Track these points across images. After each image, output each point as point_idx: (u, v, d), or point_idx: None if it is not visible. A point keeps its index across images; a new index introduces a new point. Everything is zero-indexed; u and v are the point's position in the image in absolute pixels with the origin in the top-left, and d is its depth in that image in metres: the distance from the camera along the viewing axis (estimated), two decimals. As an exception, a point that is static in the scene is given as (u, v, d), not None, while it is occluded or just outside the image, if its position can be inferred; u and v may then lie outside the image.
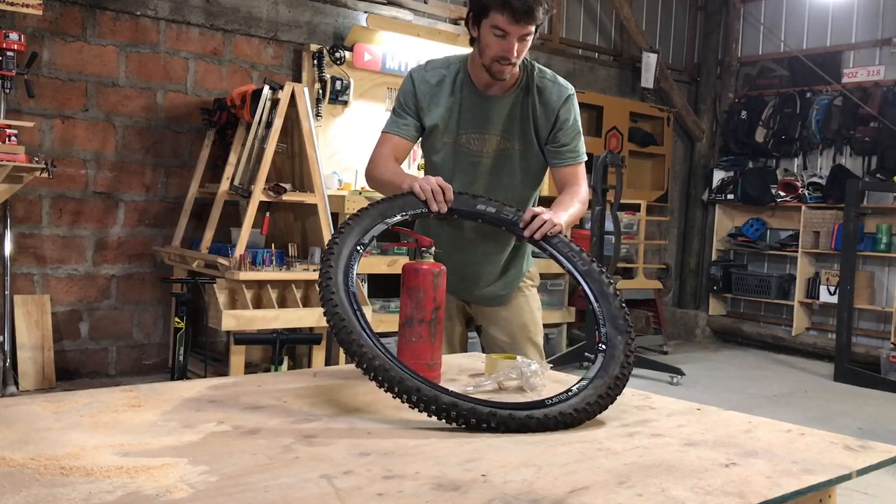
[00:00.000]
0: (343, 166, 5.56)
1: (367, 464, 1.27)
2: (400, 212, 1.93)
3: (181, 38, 5.14)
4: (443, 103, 2.26)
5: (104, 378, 4.93)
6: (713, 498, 1.19)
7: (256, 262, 4.41)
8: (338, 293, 1.64)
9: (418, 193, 1.95)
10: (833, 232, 7.09)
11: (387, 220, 1.90)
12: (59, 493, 1.09)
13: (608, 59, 7.70)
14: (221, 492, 1.13)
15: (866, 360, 6.45)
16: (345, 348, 1.56)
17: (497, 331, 2.46)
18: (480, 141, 2.28)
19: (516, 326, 2.44)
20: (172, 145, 5.16)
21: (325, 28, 5.69)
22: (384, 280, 5.10)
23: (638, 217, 7.02)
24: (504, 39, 2.08)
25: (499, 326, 2.45)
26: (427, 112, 2.26)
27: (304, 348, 4.69)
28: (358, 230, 1.83)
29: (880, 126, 7.02)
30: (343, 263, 1.74)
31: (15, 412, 1.49)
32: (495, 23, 2.07)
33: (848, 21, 7.47)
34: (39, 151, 4.42)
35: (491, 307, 2.45)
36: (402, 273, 1.88)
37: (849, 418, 5.03)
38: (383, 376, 1.50)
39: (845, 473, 1.35)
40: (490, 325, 2.48)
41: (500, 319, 2.45)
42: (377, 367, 1.51)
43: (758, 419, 1.69)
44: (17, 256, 4.63)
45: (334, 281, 1.68)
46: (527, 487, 1.20)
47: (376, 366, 1.51)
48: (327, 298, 1.63)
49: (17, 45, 4.16)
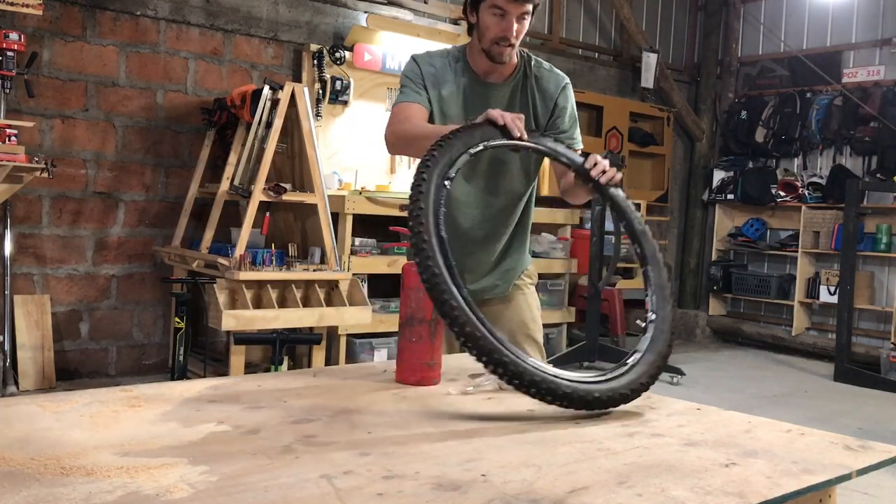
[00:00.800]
0: (343, 166, 5.56)
1: (367, 464, 1.27)
2: (481, 141, 1.83)
3: (181, 38, 5.14)
4: (448, 89, 2.28)
5: (104, 378, 4.93)
6: (713, 498, 1.19)
7: (256, 262, 4.41)
8: (430, 241, 1.58)
9: (496, 119, 1.87)
10: (833, 232, 7.09)
11: (470, 151, 1.80)
12: (59, 493, 1.09)
13: (608, 59, 7.70)
14: (221, 492, 1.13)
15: (866, 360, 6.45)
16: (437, 308, 1.55)
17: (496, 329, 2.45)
18: None
19: (516, 324, 2.43)
20: (172, 145, 5.16)
21: (325, 28, 5.69)
22: (384, 280, 5.10)
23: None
24: (503, 19, 2.14)
25: (498, 325, 2.45)
26: (433, 94, 2.28)
27: (304, 348, 4.69)
28: (444, 162, 1.72)
29: (880, 126, 7.02)
30: (433, 205, 1.65)
31: (15, 412, 1.49)
32: (494, 2, 2.13)
33: (848, 21, 7.47)
34: (39, 151, 4.42)
35: (489, 305, 2.44)
36: (402, 273, 1.88)
37: (849, 418, 5.03)
38: (474, 344, 1.51)
39: (845, 473, 1.35)
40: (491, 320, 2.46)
41: (499, 318, 2.43)
42: (468, 333, 1.51)
43: (758, 419, 1.69)
44: (17, 256, 4.63)
45: (426, 226, 1.60)
46: (527, 487, 1.20)
47: (467, 332, 1.51)
48: (420, 248, 1.57)
49: (17, 45, 4.16)
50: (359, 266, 4.95)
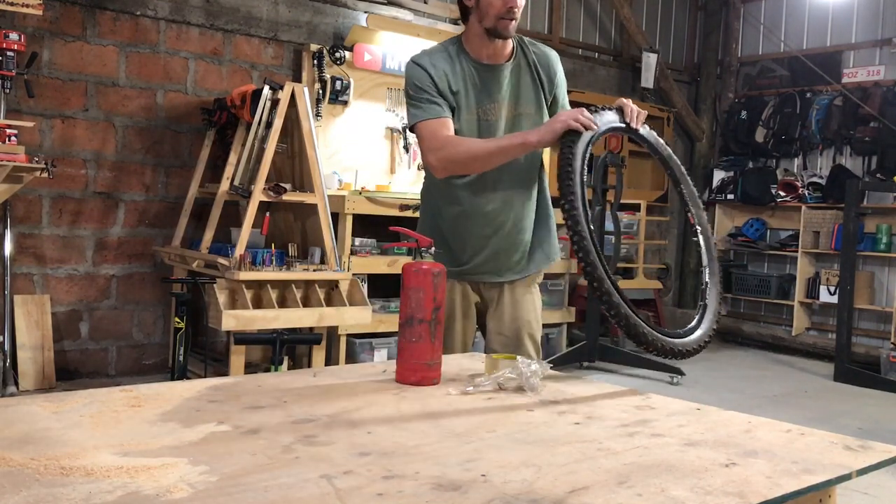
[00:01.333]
0: (343, 166, 5.56)
1: (367, 464, 1.27)
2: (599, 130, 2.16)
3: (181, 38, 5.14)
4: (456, 81, 2.31)
5: (104, 378, 4.93)
6: (713, 498, 1.19)
7: (256, 262, 4.41)
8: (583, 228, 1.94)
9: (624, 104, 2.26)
10: (833, 232, 7.09)
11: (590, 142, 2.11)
12: (59, 493, 1.09)
13: (608, 59, 7.70)
14: (221, 492, 1.13)
15: (866, 360, 6.45)
16: (591, 290, 1.94)
17: (500, 325, 2.49)
18: (495, 110, 2.34)
19: (523, 322, 2.48)
20: (172, 145, 5.16)
21: (325, 28, 5.68)
22: (384, 280, 5.10)
23: (638, 217, 7.02)
24: None
25: (506, 322, 2.48)
26: (448, 91, 2.30)
27: (304, 348, 4.69)
28: (579, 166, 2.04)
29: (880, 126, 7.02)
30: (579, 188, 1.99)
31: (15, 412, 1.49)
32: None
33: (848, 21, 7.47)
34: (39, 151, 4.42)
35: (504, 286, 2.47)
36: (402, 273, 1.88)
37: (849, 418, 5.03)
38: (628, 330, 1.91)
39: (845, 473, 1.35)
40: (492, 319, 2.51)
41: (508, 315, 2.48)
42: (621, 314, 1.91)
43: (758, 419, 1.68)
44: (17, 256, 4.63)
45: (578, 212, 1.96)
46: (527, 487, 1.20)
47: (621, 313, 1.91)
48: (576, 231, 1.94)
49: (17, 45, 4.15)
50: (359, 266, 4.95)
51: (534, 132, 2.18)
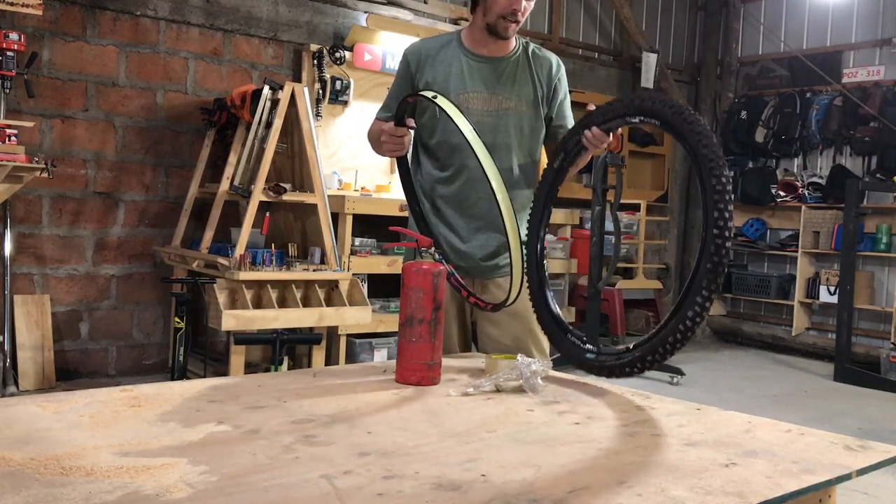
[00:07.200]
0: (343, 166, 5.56)
1: (367, 464, 1.27)
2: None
3: (181, 38, 5.14)
4: (444, 65, 2.34)
5: (104, 378, 4.93)
6: (713, 498, 1.19)
7: (256, 262, 4.41)
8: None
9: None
10: (833, 232, 7.09)
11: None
12: (59, 493, 1.09)
13: (608, 59, 7.70)
14: (221, 492, 1.13)
15: (866, 360, 6.45)
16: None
17: (501, 334, 2.42)
18: (476, 100, 2.34)
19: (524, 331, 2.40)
20: (172, 145, 5.16)
21: (325, 28, 5.68)
22: (384, 280, 5.10)
23: (638, 217, 7.02)
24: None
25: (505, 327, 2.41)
26: (422, 75, 2.34)
27: (304, 348, 4.69)
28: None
29: (880, 126, 7.02)
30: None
31: (15, 412, 1.49)
32: None
33: (848, 21, 7.47)
34: (39, 151, 4.42)
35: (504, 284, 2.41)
36: (402, 273, 1.88)
37: (849, 418, 5.03)
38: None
39: (845, 473, 1.35)
40: (492, 325, 2.43)
41: (510, 321, 2.38)
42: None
43: (758, 419, 1.68)
44: (17, 256, 4.63)
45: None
46: (527, 487, 1.20)
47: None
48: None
49: (17, 45, 4.16)
50: (359, 266, 4.95)
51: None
